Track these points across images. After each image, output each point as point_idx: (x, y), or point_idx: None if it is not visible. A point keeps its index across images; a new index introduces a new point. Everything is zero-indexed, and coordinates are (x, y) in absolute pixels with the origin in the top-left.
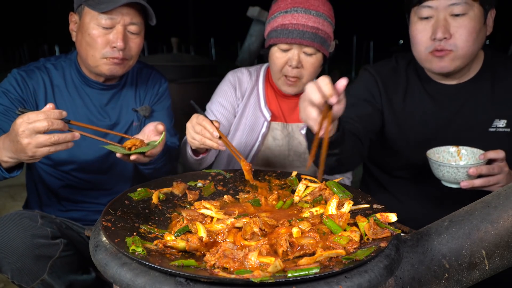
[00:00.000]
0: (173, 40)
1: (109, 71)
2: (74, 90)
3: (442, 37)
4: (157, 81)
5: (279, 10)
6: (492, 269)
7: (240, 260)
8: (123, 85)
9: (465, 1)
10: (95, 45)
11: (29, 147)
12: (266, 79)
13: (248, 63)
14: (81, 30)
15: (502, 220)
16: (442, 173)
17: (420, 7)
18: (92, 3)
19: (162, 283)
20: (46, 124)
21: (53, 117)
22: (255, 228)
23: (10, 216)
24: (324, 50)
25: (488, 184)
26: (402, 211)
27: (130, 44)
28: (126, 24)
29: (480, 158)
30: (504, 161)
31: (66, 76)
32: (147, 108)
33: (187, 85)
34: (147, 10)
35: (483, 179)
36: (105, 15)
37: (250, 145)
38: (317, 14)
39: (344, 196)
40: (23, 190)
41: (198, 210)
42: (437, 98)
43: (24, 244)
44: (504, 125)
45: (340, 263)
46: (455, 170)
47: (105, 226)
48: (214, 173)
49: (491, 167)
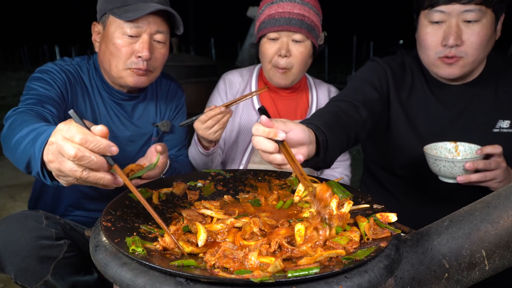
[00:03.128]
0: (173, 40)
1: (133, 83)
2: (99, 97)
3: (454, 43)
4: (176, 93)
5: (266, 3)
6: (492, 269)
7: (240, 260)
8: (144, 97)
9: (479, 8)
10: (119, 54)
11: (51, 166)
12: (260, 78)
13: (248, 63)
14: (105, 40)
15: (502, 220)
16: (438, 167)
17: (432, 11)
18: (117, 11)
19: (162, 283)
20: (72, 153)
21: (93, 148)
22: (254, 228)
23: (14, 216)
24: (313, 38)
25: (485, 179)
26: (402, 211)
27: (155, 54)
28: (152, 33)
29: (477, 153)
30: (501, 156)
31: (92, 81)
32: (168, 123)
33: (187, 85)
34: (175, 18)
35: (479, 174)
36: (131, 24)
37: (246, 144)
38: (302, 2)
39: (344, 196)
40: (23, 190)
41: (198, 210)
42: (441, 98)
43: (28, 245)
44: (508, 126)
45: (340, 263)
46: (451, 164)
47: (105, 226)
48: (214, 173)
49: (488, 162)
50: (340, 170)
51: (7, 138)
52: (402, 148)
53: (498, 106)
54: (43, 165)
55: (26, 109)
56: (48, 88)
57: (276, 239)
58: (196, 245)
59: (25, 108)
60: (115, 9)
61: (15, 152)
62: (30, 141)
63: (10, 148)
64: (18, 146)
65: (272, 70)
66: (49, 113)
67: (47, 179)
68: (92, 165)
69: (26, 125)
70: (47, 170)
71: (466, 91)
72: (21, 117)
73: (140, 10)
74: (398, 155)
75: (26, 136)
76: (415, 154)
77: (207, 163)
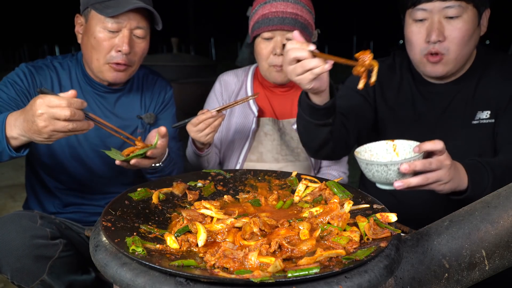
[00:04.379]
0: (173, 40)
1: (112, 78)
2: (80, 92)
3: (436, 39)
4: (163, 88)
5: (259, 3)
6: (492, 269)
7: (240, 260)
8: (128, 90)
9: (459, 4)
10: (100, 48)
11: (45, 130)
12: (255, 77)
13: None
14: (87, 33)
15: (502, 220)
16: (371, 173)
17: (414, 10)
18: (99, 7)
19: (162, 283)
20: (68, 113)
21: (75, 106)
22: (254, 228)
23: (9, 216)
24: (307, 36)
25: (427, 182)
26: (401, 211)
27: (135, 49)
28: (132, 28)
29: (415, 151)
30: (444, 153)
31: (72, 77)
32: (152, 115)
33: (187, 85)
34: (154, 15)
35: (420, 177)
36: (111, 19)
37: (242, 143)
38: (295, 1)
39: (344, 196)
40: (23, 190)
41: (198, 210)
42: (428, 97)
43: (23, 244)
44: (487, 116)
45: (340, 263)
46: (384, 168)
47: (105, 226)
48: (214, 173)
49: (428, 161)
50: (336, 167)
51: None
52: None
53: (477, 97)
54: (8, 142)
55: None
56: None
57: (276, 239)
58: (196, 245)
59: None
60: (97, 4)
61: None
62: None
63: None
64: None
65: (269, 68)
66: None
67: (13, 152)
68: (80, 117)
69: None
70: (11, 144)
71: (452, 89)
72: None
73: (120, 6)
74: None
75: None
76: None
77: (203, 163)
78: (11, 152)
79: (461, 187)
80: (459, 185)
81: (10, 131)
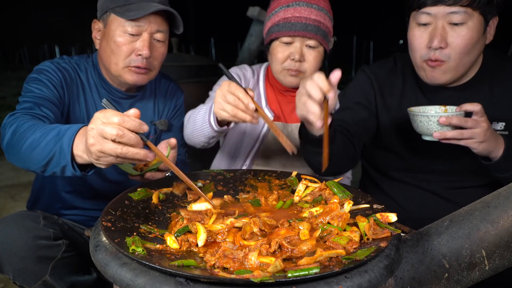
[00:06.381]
0: (173, 40)
1: (132, 81)
2: (96, 95)
3: (438, 46)
4: (175, 93)
5: (280, 5)
6: (492, 269)
7: (240, 260)
8: (142, 96)
9: (464, 10)
10: (119, 52)
11: (93, 149)
12: (266, 79)
13: (248, 63)
14: (106, 37)
15: (502, 220)
16: (416, 123)
17: (419, 13)
18: (119, 10)
19: (162, 283)
20: (115, 133)
21: (129, 126)
22: (254, 228)
23: (12, 216)
24: (326, 44)
25: (462, 137)
26: (400, 212)
27: (154, 53)
28: (152, 32)
29: (456, 110)
30: (483, 116)
31: (90, 79)
32: (165, 122)
33: (187, 85)
34: (175, 18)
35: (455, 131)
36: (132, 22)
37: (250, 145)
38: (318, 8)
39: (344, 196)
40: (23, 190)
41: (190, 209)
42: (435, 101)
43: (26, 245)
44: (502, 128)
45: (340, 263)
46: (426, 119)
47: (105, 226)
48: (214, 173)
49: (464, 119)
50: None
51: (16, 144)
52: (396, 152)
53: (492, 108)
54: (73, 158)
55: (22, 113)
56: (44, 89)
57: (276, 239)
58: (196, 245)
59: (21, 113)
60: (117, 7)
61: (29, 154)
62: (52, 139)
63: (21, 151)
64: (35, 147)
65: (283, 71)
66: (45, 116)
67: (77, 170)
68: (131, 141)
69: (36, 127)
70: (76, 163)
71: (459, 94)
72: (24, 122)
73: (142, 9)
74: (392, 159)
75: (43, 136)
76: (408, 157)
77: (208, 138)
78: (76, 170)
79: (495, 154)
80: (493, 151)
81: (76, 147)
